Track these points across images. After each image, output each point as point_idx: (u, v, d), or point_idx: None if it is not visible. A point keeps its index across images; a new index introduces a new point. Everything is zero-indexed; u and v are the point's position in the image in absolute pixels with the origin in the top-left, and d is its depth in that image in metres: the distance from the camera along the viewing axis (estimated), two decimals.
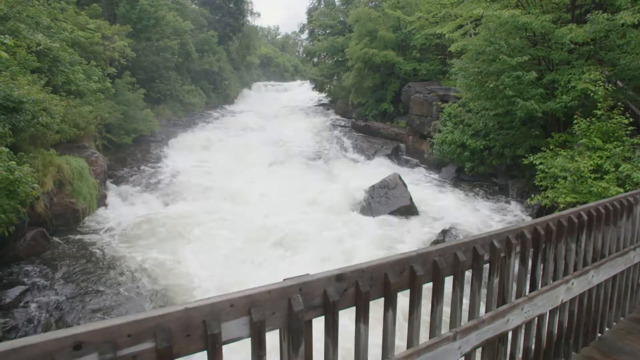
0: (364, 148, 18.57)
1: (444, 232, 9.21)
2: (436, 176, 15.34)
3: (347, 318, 1.75)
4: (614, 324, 3.41)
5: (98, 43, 15.21)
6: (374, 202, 11.13)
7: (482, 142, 13.04)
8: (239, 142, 19.35)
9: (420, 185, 13.90)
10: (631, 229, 3.28)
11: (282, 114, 28.61)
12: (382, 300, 1.76)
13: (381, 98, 23.10)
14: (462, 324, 2.04)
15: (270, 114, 28.04)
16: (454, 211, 11.00)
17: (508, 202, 11.98)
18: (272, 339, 1.50)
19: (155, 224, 10.33)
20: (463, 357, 2.08)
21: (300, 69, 63.65)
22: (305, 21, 39.12)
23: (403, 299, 1.76)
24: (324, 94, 33.68)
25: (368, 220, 10.63)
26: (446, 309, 2.05)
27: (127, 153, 16.20)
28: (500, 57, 10.77)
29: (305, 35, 41.35)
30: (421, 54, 22.64)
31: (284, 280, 1.54)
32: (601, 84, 9.29)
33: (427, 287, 1.90)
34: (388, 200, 10.98)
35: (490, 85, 11.23)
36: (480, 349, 2.19)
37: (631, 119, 8.93)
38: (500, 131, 12.94)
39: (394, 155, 17.86)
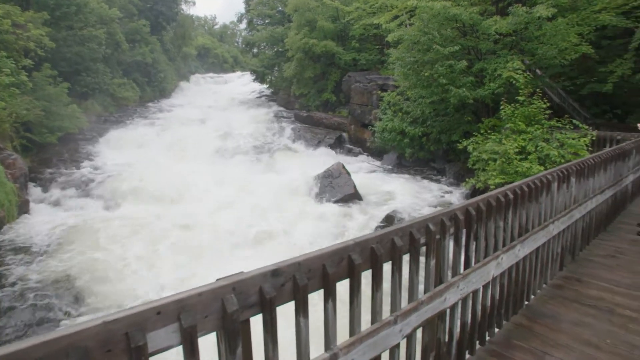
0: (308, 138, 18.60)
1: (388, 217, 9.50)
2: (378, 163, 15.77)
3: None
4: (538, 291, 3.71)
5: (8, 31, 13.66)
6: (319, 192, 11.21)
7: (420, 128, 13.58)
8: (177, 137, 18.49)
9: (364, 172, 14.22)
10: (550, 204, 3.56)
11: (223, 106, 27.76)
12: (322, 292, 1.74)
13: (323, 88, 23.21)
14: (402, 307, 2.08)
15: (211, 107, 27.09)
16: (396, 196, 11.39)
17: (446, 185, 12.64)
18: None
19: (85, 229, 9.59)
20: (405, 339, 2.13)
21: (240, 60, 62.03)
22: (243, 10, 38.06)
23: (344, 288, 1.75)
24: (265, 86, 33.14)
25: (314, 209, 10.69)
26: (387, 294, 2.08)
27: (52, 153, 14.83)
28: (434, 47, 11.22)
29: (243, 25, 40.22)
30: (360, 44, 22.98)
31: (217, 280, 1.46)
32: (522, 72, 10.02)
33: (368, 274, 1.91)
34: (333, 189, 11.11)
35: (426, 74, 11.69)
36: (420, 329, 2.26)
37: (548, 104, 9.74)
38: (436, 118, 13.55)
39: (337, 145, 18.09)
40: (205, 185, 12.31)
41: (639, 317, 3.31)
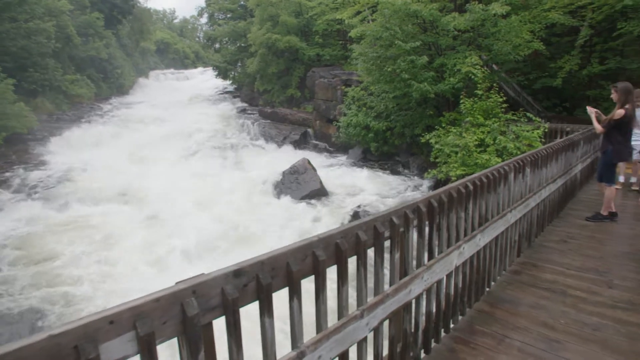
0: (273, 135, 18.44)
1: (355, 211, 9.59)
2: (344, 158, 15.88)
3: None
4: (498, 278, 3.86)
5: None
6: (285, 188, 11.14)
7: (384, 123, 13.78)
8: (137, 136, 17.80)
9: (330, 168, 14.28)
10: (508, 194, 3.71)
11: (185, 103, 27.00)
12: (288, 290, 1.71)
13: (287, 84, 23.05)
14: (368, 301, 2.09)
15: (172, 104, 26.24)
16: (362, 190, 11.52)
17: (410, 178, 12.92)
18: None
19: (34, 235, 9.04)
20: (372, 332, 2.15)
21: (202, 56, 60.39)
22: (203, 4, 37.02)
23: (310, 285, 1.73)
24: (228, 81, 32.51)
25: (280, 206, 10.62)
26: (355, 289, 2.08)
27: None
28: (396, 42, 11.39)
29: (204, 20, 39.15)
30: (324, 39, 22.98)
31: (176, 283, 1.40)
32: (479, 67, 10.37)
33: (333, 270, 1.90)
34: (299, 185, 11.08)
35: (388, 69, 11.84)
36: (387, 321, 2.29)
37: (505, 98, 10.14)
38: (399, 112, 13.79)
39: (303, 141, 18.06)
40: (166, 185, 11.92)
41: (588, 297, 3.52)
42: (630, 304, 3.40)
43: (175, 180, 12.39)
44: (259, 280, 1.56)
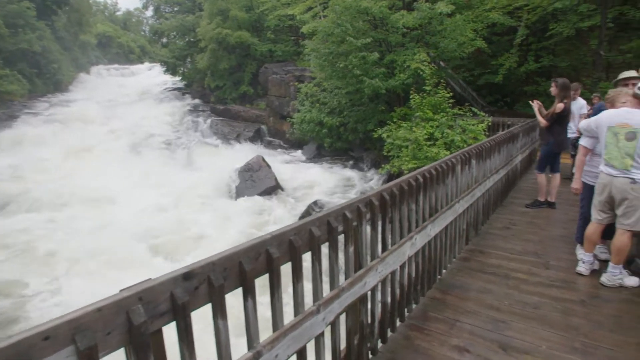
0: (226, 132, 18.05)
1: (310, 207, 9.63)
2: (298, 154, 15.88)
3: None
4: (449, 265, 4.03)
5: None
6: (239, 186, 10.96)
7: (338, 119, 13.92)
8: (77, 135, 16.69)
9: (285, 164, 14.23)
10: (455, 185, 3.88)
11: (131, 101, 25.68)
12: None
13: (239, 80, 22.61)
14: (324, 296, 2.09)
15: (116, 101, 24.89)
16: (317, 186, 11.59)
17: (364, 172, 13.16)
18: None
19: None
20: (329, 326, 2.16)
21: (148, 50, 57.65)
22: None
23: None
24: (178, 78, 31.28)
25: (235, 204, 10.44)
26: (309, 285, 2.08)
27: None
28: (347, 38, 11.52)
29: (150, 12, 37.32)
30: (276, 35, 22.77)
31: (121, 291, 1.32)
32: (427, 64, 10.75)
33: (288, 267, 1.89)
34: (254, 183, 10.94)
35: (340, 65, 11.96)
36: (344, 315, 2.31)
37: (451, 93, 10.60)
38: (352, 108, 13.99)
39: (257, 138, 17.84)
40: (111, 187, 11.30)
41: (528, 278, 3.78)
42: (564, 282, 3.69)
43: (120, 182, 11.77)
44: (210, 282, 1.51)
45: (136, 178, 12.05)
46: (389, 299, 2.85)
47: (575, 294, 3.50)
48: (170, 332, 1.45)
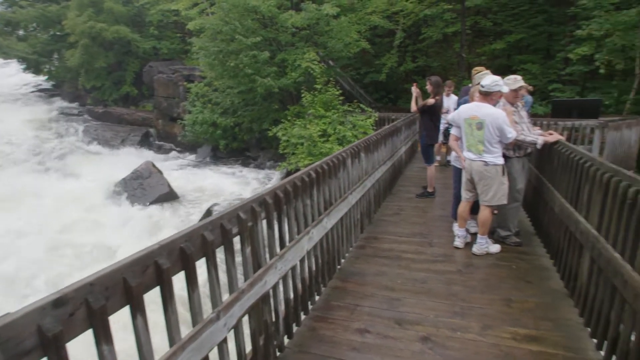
0: (108, 138, 16.35)
1: (208, 212, 9.27)
2: (193, 158, 15.17)
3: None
4: (347, 254, 4.26)
5: None
6: (129, 196, 10.04)
7: (232, 119, 13.62)
8: None
9: (179, 169, 13.47)
10: (347, 178, 4.10)
11: None
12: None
13: (120, 80, 20.63)
14: (223, 301, 2.04)
15: None
16: (215, 189, 11.22)
17: (262, 172, 13.12)
18: None
19: None
20: (232, 331, 2.11)
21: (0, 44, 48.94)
22: None
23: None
24: (43, 77, 27.18)
25: (124, 216, 9.53)
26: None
27: None
28: (237, 37, 11.30)
29: None
30: (160, 31, 21.29)
31: None
32: (317, 63, 11.14)
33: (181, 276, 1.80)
34: (144, 191, 10.12)
35: (231, 64, 11.70)
36: (246, 317, 2.28)
37: (341, 91, 11.15)
38: (246, 107, 13.81)
39: (145, 142, 16.53)
40: None
41: (416, 257, 4.19)
42: (445, 257, 4.18)
43: None
44: (89, 305, 1.36)
45: (3, 195, 10.20)
46: (291, 295, 2.90)
47: (454, 265, 3.98)
48: None
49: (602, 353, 2.55)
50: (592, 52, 11.02)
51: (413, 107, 6.25)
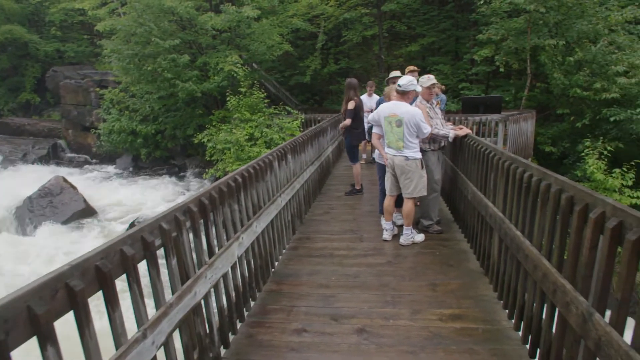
0: (6, 152, 14.52)
1: (132, 225, 8.67)
2: (112, 169, 14.08)
3: None
4: (280, 257, 4.25)
5: None
6: (36, 216, 9.00)
7: (153, 126, 12.90)
8: None
9: (95, 182, 12.41)
10: (275, 180, 4.09)
11: None
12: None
13: (18, 86, 18.47)
14: (149, 317, 1.93)
15: None
16: (138, 201, 10.54)
17: (189, 180, 12.59)
18: None
19: None
20: (162, 348, 2.00)
21: None
22: None
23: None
24: None
25: (32, 241, 8.52)
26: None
27: None
28: (153, 39, 10.71)
29: None
30: (64, 32, 19.44)
31: None
32: (241, 66, 10.96)
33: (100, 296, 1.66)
34: (56, 209, 9.15)
35: (149, 68, 11.07)
36: (177, 331, 2.18)
37: (266, 94, 11.10)
38: (168, 114, 13.16)
39: (54, 155, 14.97)
40: None
41: (348, 253, 4.32)
42: (375, 250, 4.36)
43: None
44: None
45: None
46: (225, 303, 2.82)
47: (384, 257, 4.17)
48: None
49: (513, 321, 2.85)
50: (493, 54, 12.24)
51: (346, 123, 6.29)
